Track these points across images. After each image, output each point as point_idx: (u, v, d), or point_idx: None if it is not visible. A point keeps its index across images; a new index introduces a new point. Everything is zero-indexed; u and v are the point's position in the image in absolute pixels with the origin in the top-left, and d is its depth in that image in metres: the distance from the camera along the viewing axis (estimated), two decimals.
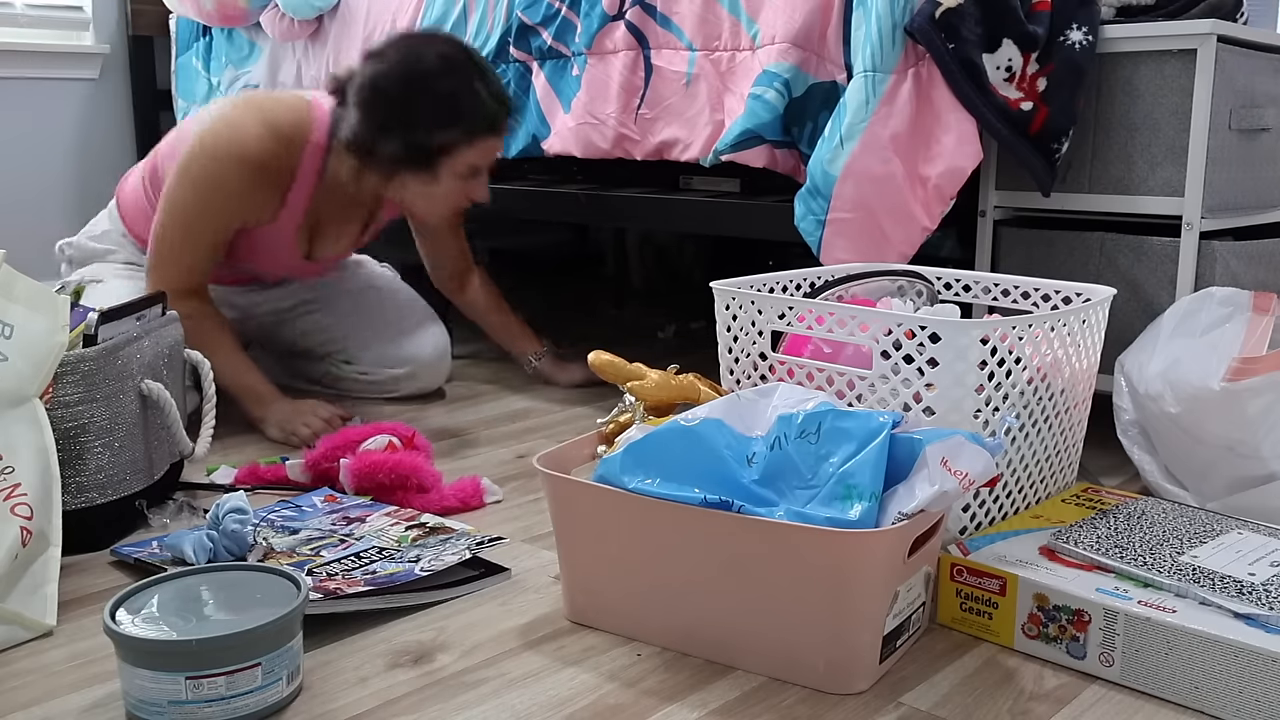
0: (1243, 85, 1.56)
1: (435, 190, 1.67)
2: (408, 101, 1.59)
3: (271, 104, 1.70)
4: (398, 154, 1.62)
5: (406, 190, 1.68)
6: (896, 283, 1.45)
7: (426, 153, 1.62)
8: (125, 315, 1.35)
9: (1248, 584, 1.01)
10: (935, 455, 0.97)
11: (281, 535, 1.29)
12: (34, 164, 2.95)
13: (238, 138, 1.64)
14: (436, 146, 1.61)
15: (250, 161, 1.64)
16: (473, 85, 1.61)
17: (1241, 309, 1.41)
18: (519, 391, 2.04)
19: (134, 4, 3.04)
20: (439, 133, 1.61)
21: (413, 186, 1.66)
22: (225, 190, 1.65)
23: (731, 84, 1.75)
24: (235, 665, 0.90)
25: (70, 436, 1.22)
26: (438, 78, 1.59)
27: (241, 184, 1.65)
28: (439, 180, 1.65)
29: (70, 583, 1.18)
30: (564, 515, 1.09)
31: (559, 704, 0.95)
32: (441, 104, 1.60)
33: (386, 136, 1.61)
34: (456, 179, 1.66)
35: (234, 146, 1.64)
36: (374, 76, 1.61)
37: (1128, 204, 1.57)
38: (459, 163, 1.64)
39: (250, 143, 1.64)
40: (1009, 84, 1.56)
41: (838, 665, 0.97)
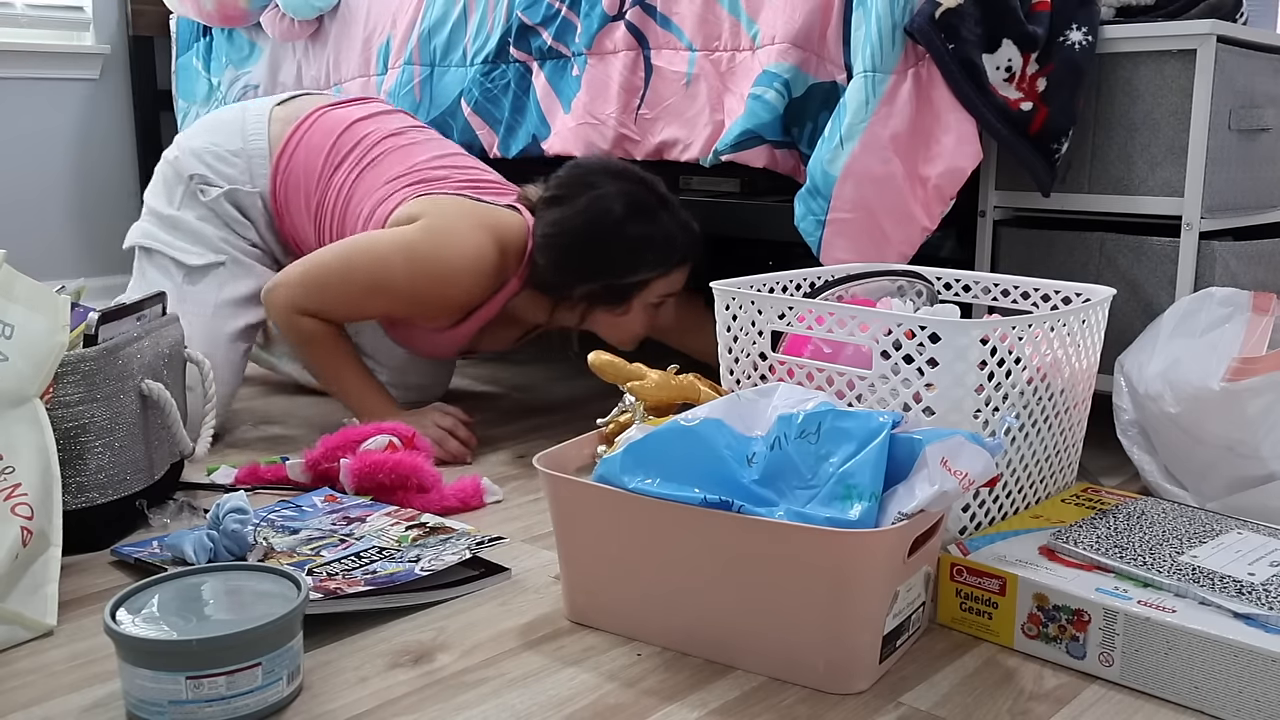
0: (1242, 85, 1.56)
1: (625, 320, 1.67)
2: (602, 248, 1.60)
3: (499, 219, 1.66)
4: (593, 293, 1.63)
5: (598, 322, 1.68)
6: (896, 283, 1.45)
7: (621, 290, 1.63)
8: (125, 315, 1.35)
9: (1247, 584, 1.01)
10: (935, 455, 0.97)
11: (282, 535, 1.29)
12: (34, 164, 2.94)
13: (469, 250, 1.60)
14: (631, 284, 1.62)
15: (474, 275, 1.61)
16: (664, 224, 1.61)
17: (1241, 309, 1.41)
18: (519, 391, 2.04)
19: (134, 4, 3.04)
20: (634, 275, 1.61)
21: (604, 319, 1.67)
22: (434, 292, 1.62)
23: (731, 84, 1.75)
24: (235, 665, 0.90)
25: (70, 436, 1.22)
26: (629, 221, 1.59)
27: (453, 292, 1.63)
28: (630, 311, 1.66)
29: (70, 583, 1.18)
30: (564, 515, 1.09)
31: (559, 704, 0.95)
32: (637, 247, 1.60)
33: (581, 279, 1.62)
34: (647, 308, 1.67)
35: (465, 258, 1.60)
36: (563, 223, 1.60)
37: (1127, 204, 1.57)
38: (651, 294, 1.65)
39: (479, 258, 1.61)
40: (1009, 84, 1.56)
41: (838, 665, 0.97)
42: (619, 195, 1.61)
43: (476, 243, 1.61)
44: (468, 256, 1.60)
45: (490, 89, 2.07)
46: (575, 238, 1.60)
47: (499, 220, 1.67)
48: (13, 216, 2.91)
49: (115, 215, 3.08)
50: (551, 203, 1.63)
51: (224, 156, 1.79)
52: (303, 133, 1.80)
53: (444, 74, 2.15)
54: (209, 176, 1.77)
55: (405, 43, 2.23)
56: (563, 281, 1.63)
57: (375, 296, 1.63)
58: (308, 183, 1.78)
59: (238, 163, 1.78)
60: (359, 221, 1.73)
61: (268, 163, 1.79)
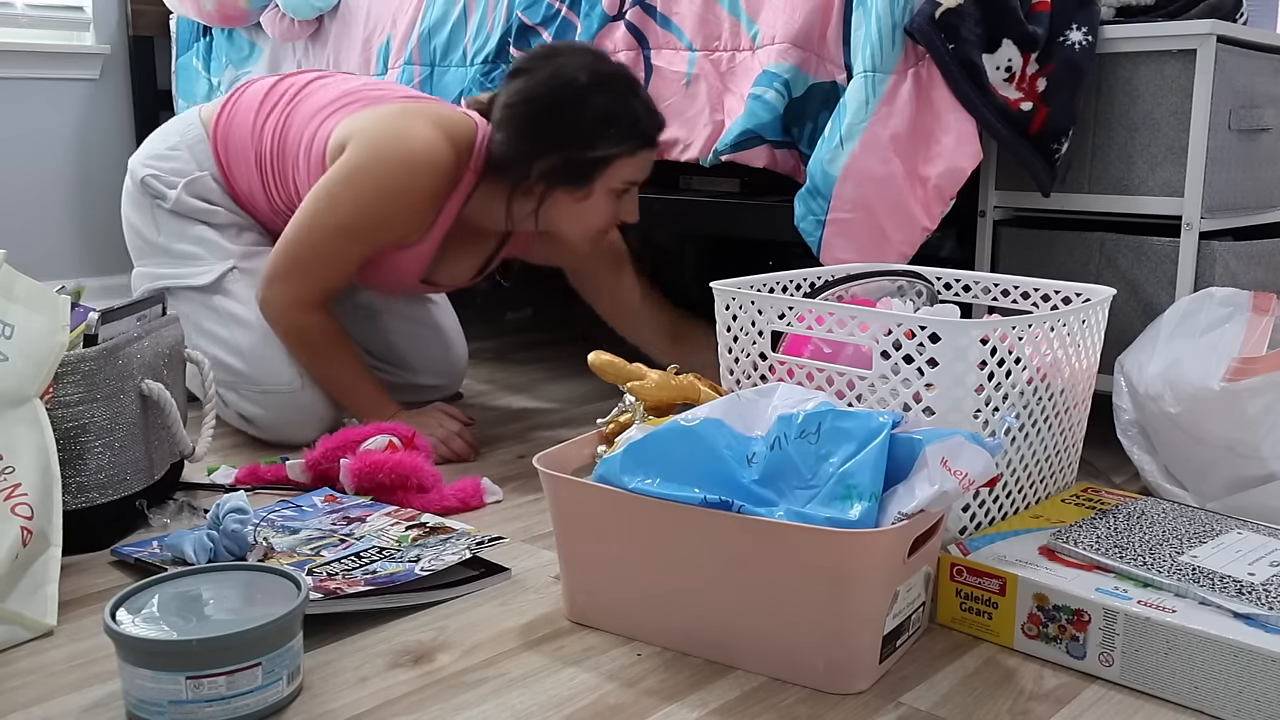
0: (1242, 85, 1.56)
1: (587, 207, 1.60)
2: (565, 114, 1.55)
3: (455, 125, 1.62)
4: (554, 168, 1.56)
5: (558, 209, 1.61)
6: (896, 283, 1.45)
7: (584, 166, 1.56)
8: (125, 315, 1.35)
9: (1247, 584, 1.01)
10: (935, 455, 0.97)
11: (282, 535, 1.29)
12: (34, 164, 2.95)
13: (415, 145, 1.56)
14: (595, 159, 1.56)
15: (430, 181, 1.58)
16: (629, 101, 1.58)
17: (1241, 309, 1.41)
18: (519, 391, 2.04)
19: (134, 4, 3.04)
20: (598, 146, 1.56)
21: (565, 205, 1.60)
22: (398, 202, 1.58)
23: (731, 84, 1.76)
24: (235, 665, 0.90)
25: (70, 436, 1.22)
26: (594, 91, 1.55)
27: (414, 198, 1.58)
28: (592, 196, 1.59)
29: (70, 583, 1.18)
30: (564, 515, 1.09)
31: (559, 704, 0.95)
32: (601, 117, 1.55)
33: (542, 151, 1.56)
34: (609, 195, 1.61)
35: (412, 153, 1.56)
36: (526, 91, 1.56)
37: (1127, 204, 1.57)
38: (615, 177, 1.58)
39: (428, 149, 1.57)
40: (1009, 84, 1.57)
41: (838, 665, 0.97)
42: (584, 67, 1.57)
43: (424, 135, 1.57)
44: (416, 149, 1.56)
45: (490, 89, 2.07)
46: (537, 105, 1.55)
47: (442, 113, 1.63)
48: (13, 216, 2.91)
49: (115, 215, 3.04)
50: (515, 75, 1.60)
51: (164, 155, 1.78)
52: (233, 102, 1.79)
53: (444, 74, 2.16)
54: (159, 175, 1.76)
55: (405, 42, 2.23)
56: (522, 154, 1.56)
57: (348, 241, 1.60)
58: (244, 142, 1.75)
59: (179, 154, 1.77)
60: (298, 153, 1.69)
61: (207, 144, 1.77)
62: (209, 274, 1.71)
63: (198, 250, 1.74)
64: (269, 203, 1.76)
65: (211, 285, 1.71)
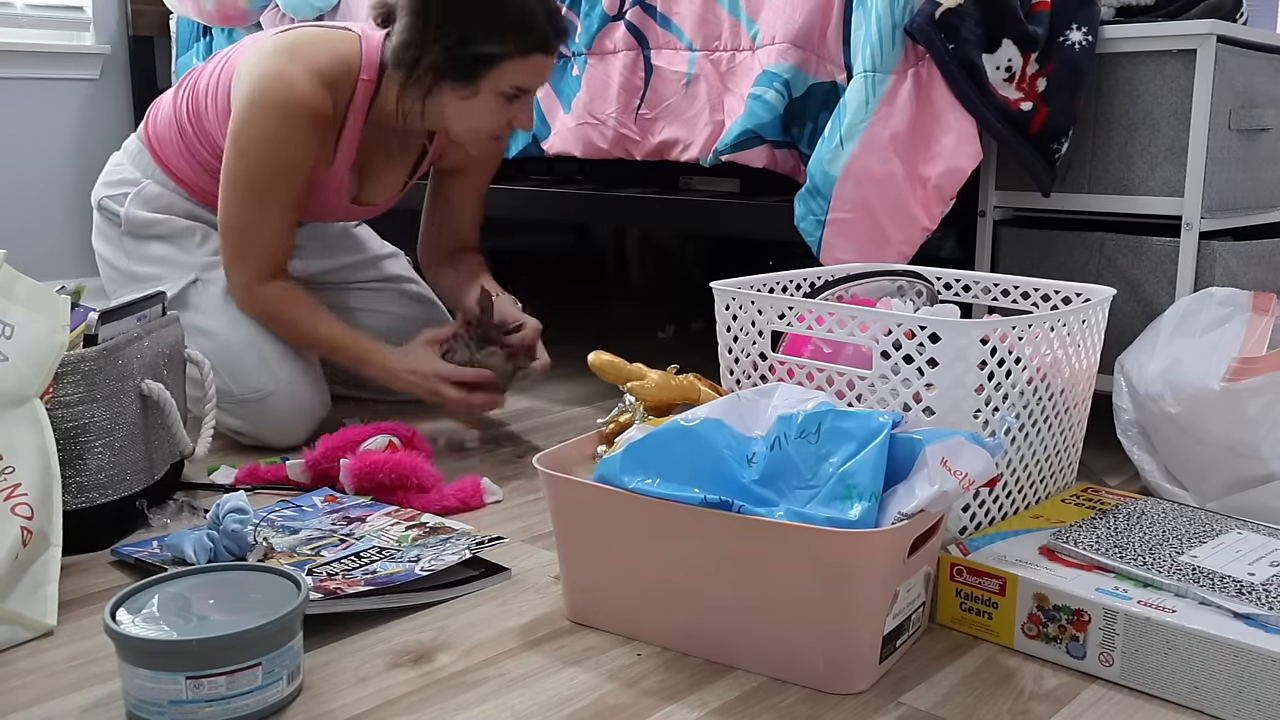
0: (1242, 85, 1.56)
1: (474, 106, 1.58)
2: (454, 6, 1.53)
3: (315, 48, 1.62)
4: (439, 61, 1.55)
5: (445, 106, 1.60)
6: (896, 283, 1.45)
7: (469, 61, 1.54)
8: (125, 315, 1.35)
9: (1247, 584, 1.01)
10: (935, 455, 0.97)
11: (282, 535, 1.29)
12: (34, 164, 2.94)
13: (286, 91, 1.57)
14: (480, 55, 1.54)
15: (302, 112, 1.58)
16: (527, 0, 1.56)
17: (1241, 309, 1.41)
18: (519, 392, 2.04)
19: (134, 4, 3.04)
20: (484, 40, 1.53)
21: (451, 101, 1.59)
22: (283, 144, 1.59)
23: (731, 84, 1.76)
24: (235, 665, 0.90)
25: (71, 436, 1.22)
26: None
27: (296, 134, 1.59)
28: (479, 94, 1.57)
29: (70, 583, 1.18)
30: (564, 515, 1.09)
31: (559, 704, 0.95)
32: (491, 9, 1.53)
33: (429, 42, 1.54)
34: (498, 97, 1.58)
35: (284, 100, 1.57)
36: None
37: (1127, 204, 1.57)
38: (503, 78, 1.56)
39: (299, 93, 1.57)
40: (1009, 84, 1.57)
41: (838, 665, 0.97)
42: None
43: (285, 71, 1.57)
44: (280, 89, 1.57)
45: None
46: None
47: (314, 39, 1.63)
48: (13, 217, 2.91)
49: None
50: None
51: (111, 171, 1.84)
52: (156, 103, 1.84)
53: None
54: (111, 194, 1.81)
55: None
56: (412, 44, 1.55)
57: (261, 200, 1.61)
58: (168, 122, 1.77)
59: (123, 167, 1.82)
60: (208, 104, 1.70)
61: (144, 148, 1.81)
62: (171, 288, 1.70)
63: (157, 270, 1.75)
64: (198, 160, 1.75)
65: (175, 299, 1.70)
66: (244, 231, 1.63)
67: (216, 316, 1.68)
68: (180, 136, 1.76)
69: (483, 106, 1.59)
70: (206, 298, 1.70)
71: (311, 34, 1.66)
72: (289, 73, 1.58)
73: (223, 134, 1.67)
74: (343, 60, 1.62)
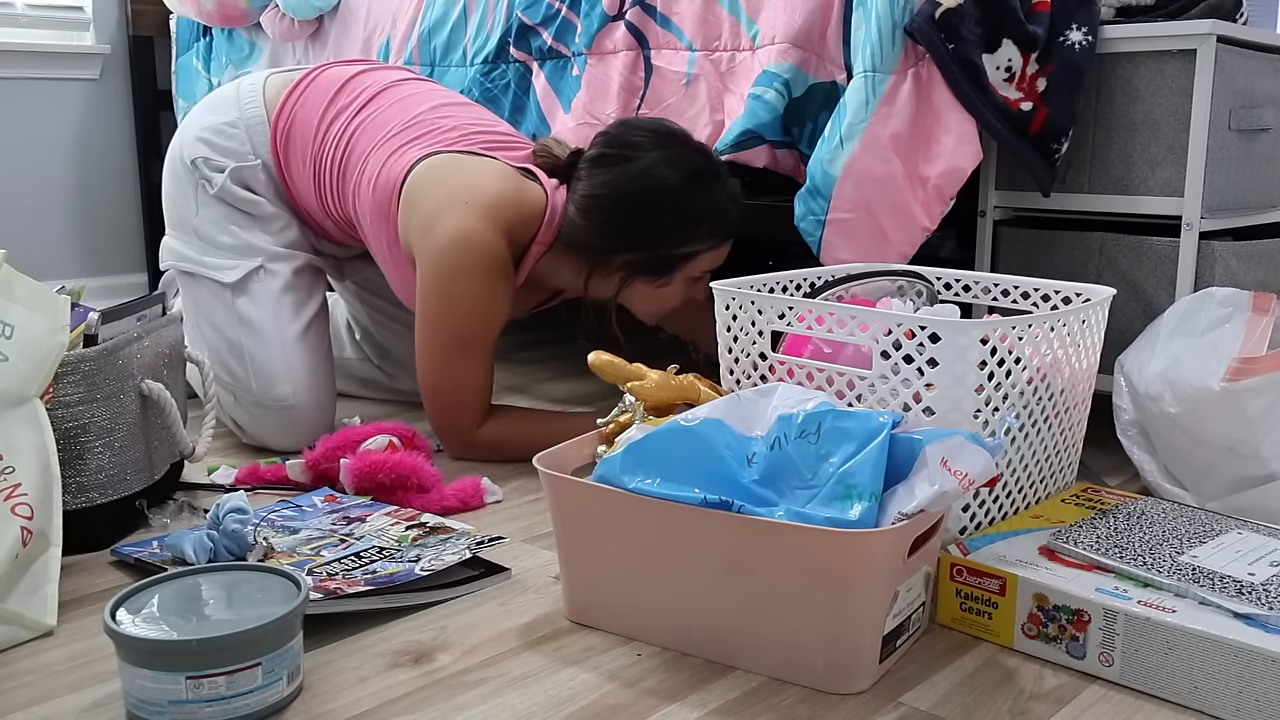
0: (1242, 85, 1.56)
1: (664, 293, 1.60)
2: (656, 215, 1.53)
3: (510, 210, 1.57)
4: (638, 262, 1.55)
5: (634, 294, 1.61)
6: (896, 283, 1.45)
7: (669, 261, 1.56)
8: (125, 315, 1.35)
9: (1247, 584, 1.01)
10: (935, 455, 0.97)
11: (282, 535, 1.29)
12: (34, 164, 2.94)
13: (484, 253, 1.53)
14: (680, 255, 1.55)
15: (499, 269, 1.55)
16: (718, 195, 1.55)
17: (1241, 309, 1.41)
18: (519, 392, 2.04)
19: (134, 4, 3.04)
20: (684, 246, 1.55)
21: (642, 291, 1.60)
22: (487, 302, 1.55)
23: (731, 84, 1.76)
24: (235, 665, 0.90)
25: (71, 436, 1.22)
26: (686, 191, 1.52)
27: (496, 290, 1.55)
28: (671, 284, 1.59)
29: (70, 583, 1.18)
30: (564, 515, 1.09)
31: (559, 704, 0.95)
32: (691, 219, 1.53)
33: (627, 246, 1.54)
34: (687, 282, 1.61)
35: (487, 263, 1.53)
36: (614, 185, 1.53)
37: (1127, 204, 1.57)
38: (696, 268, 1.58)
39: (498, 256, 1.54)
40: (1009, 84, 1.57)
41: (838, 665, 0.97)
42: (677, 161, 1.53)
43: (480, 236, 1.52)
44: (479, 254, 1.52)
45: (490, 89, 2.07)
46: (627, 204, 1.53)
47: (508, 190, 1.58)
48: (13, 216, 2.91)
49: (115, 216, 3.08)
50: (601, 162, 1.55)
51: (221, 130, 1.73)
52: (301, 90, 1.74)
53: (444, 74, 2.15)
54: (210, 157, 1.71)
55: (405, 43, 2.23)
56: (606, 246, 1.55)
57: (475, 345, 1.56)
58: (305, 138, 1.71)
59: (236, 134, 1.73)
60: (363, 180, 1.65)
61: (266, 128, 1.72)
62: (235, 271, 1.69)
63: (231, 243, 1.70)
64: (323, 208, 1.73)
65: (236, 284, 1.69)
66: (457, 391, 1.58)
67: (268, 311, 1.67)
68: (313, 174, 1.71)
69: (673, 293, 1.61)
70: (263, 288, 1.68)
71: (505, 185, 1.58)
72: (489, 236, 1.53)
73: (366, 219, 1.64)
74: (529, 224, 1.59)
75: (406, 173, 1.60)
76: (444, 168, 1.60)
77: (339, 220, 1.72)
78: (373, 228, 1.65)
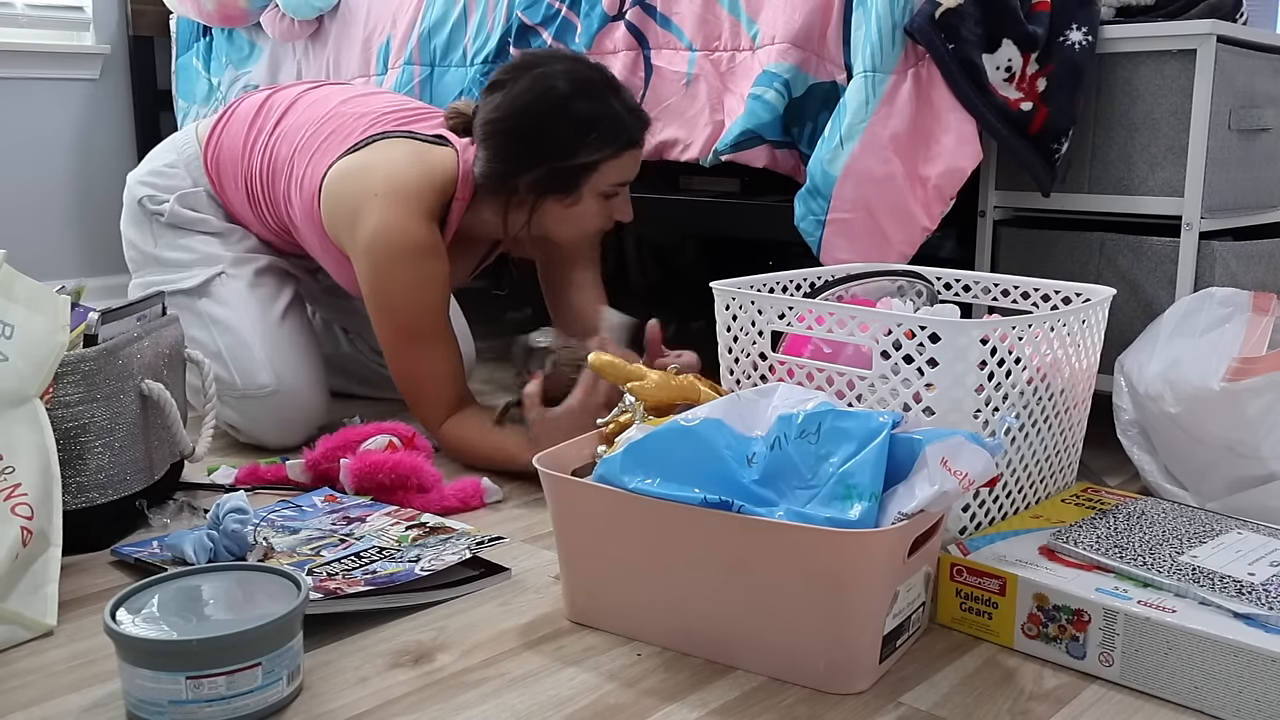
0: (1242, 85, 1.56)
1: (578, 211, 1.60)
2: (547, 126, 1.54)
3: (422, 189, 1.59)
4: (540, 180, 1.56)
5: (549, 216, 1.61)
6: (896, 283, 1.45)
7: (569, 174, 1.56)
8: (125, 315, 1.35)
9: (1247, 584, 1.01)
10: (935, 455, 0.97)
11: (282, 535, 1.29)
12: (34, 164, 2.94)
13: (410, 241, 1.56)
14: (580, 166, 1.55)
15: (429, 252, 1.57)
16: (610, 103, 1.56)
17: (1241, 309, 1.41)
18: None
19: (134, 4, 3.04)
20: (582, 153, 1.54)
21: (555, 212, 1.60)
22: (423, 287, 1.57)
23: (731, 84, 1.76)
24: (235, 665, 0.90)
25: (70, 436, 1.22)
26: (574, 99, 1.53)
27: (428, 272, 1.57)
28: (582, 200, 1.59)
29: (70, 583, 1.18)
30: (564, 515, 1.09)
31: (559, 704, 0.95)
32: (582, 124, 1.54)
33: (527, 165, 1.55)
34: (599, 198, 1.60)
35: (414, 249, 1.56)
36: (505, 106, 1.55)
37: (1127, 204, 1.57)
38: (602, 180, 1.57)
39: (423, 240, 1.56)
40: (1009, 84, 1.57)
41: (838, 665, 0.97)
42: (562, 74, 1.55)
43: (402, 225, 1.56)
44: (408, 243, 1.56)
45: None
46: (520, 119, 1.54)
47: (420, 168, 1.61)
48: (13, 217, 2.91)
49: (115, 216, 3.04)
50: (493, 89, 1.58)
51: (162, 171, 1.82)
52: (224, 120, 1.82)
53: (444, 74, 2.15)
54: (155, 194, 1.79)
55: (405, 43, 2.23)
56: (509, 170, 1.56)
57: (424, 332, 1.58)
58: (234, 162, 1.77)
59: (176, 172, 1.81)
60: (291, 186, 1.69)
61: (200, 162, 1.81)
62: (196, 277, 1.73)
63: (188, 257, 1.76)
64: (261, 222, 1.78)
65: (197, 288, 1.72)
66: (419, 379, 1.60)
67: (233, 308, 1.70)
68: (245, 186, 1.76)
69: (585, 210, 1.61)
70: (228, 290, 1.72)
71: (409, 163, 1.62)
72: (407, 224, 1.56)
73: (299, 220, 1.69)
74: (444, 188, 1.62)
75: (321, 180, 1.65)
76: (350, 171, 1.63)
77: (277, 230, 1.77)
78: (306, 229, 1.69)
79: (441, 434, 1.61)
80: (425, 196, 1.59)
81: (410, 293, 1.57)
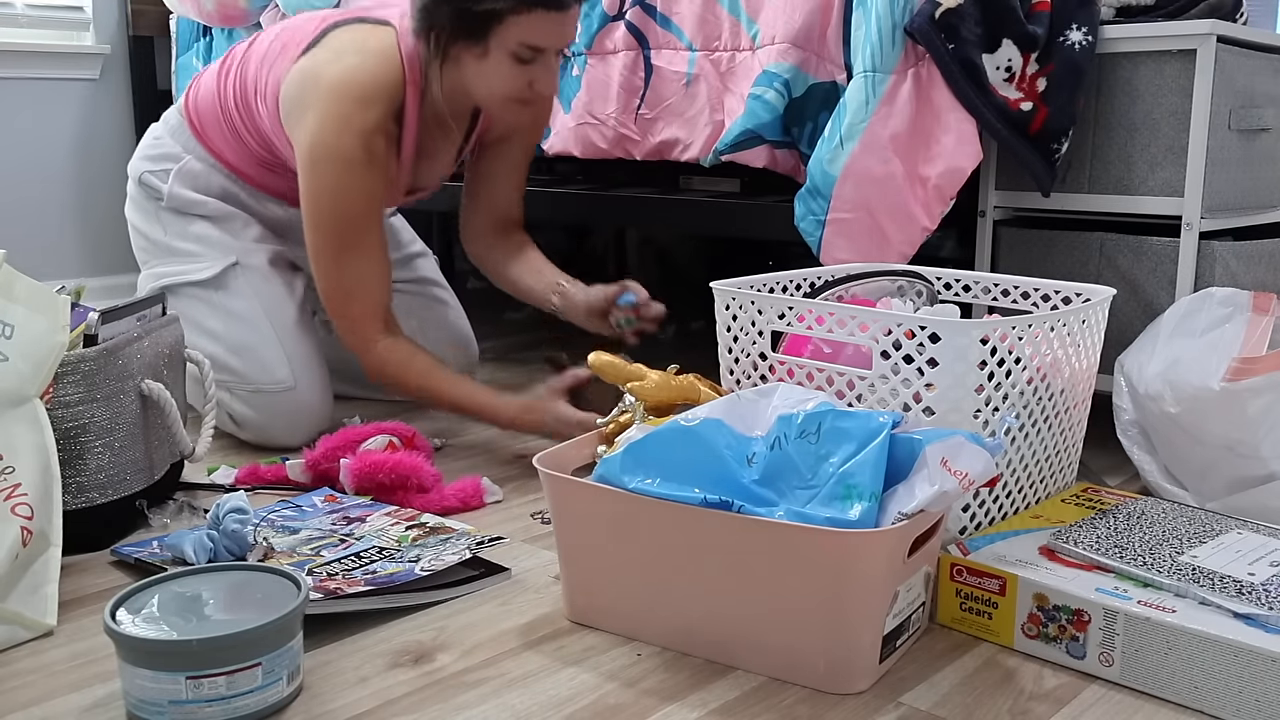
0: (1242, 85, 1.56)
1: (488, 68, 1.56)
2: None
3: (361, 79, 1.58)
4: (447, 23, 1.54)
5: (462, 69, 1.59)
6: (896, 283, 1.45)
7: (474, 19, 1.53)
8: (125, 315, 1.35)
9: (1247, 584, 1.01)
10: (935, 455, 0.97)
11: (282, 535, 1.29)
12: (34, 164, 2.95)
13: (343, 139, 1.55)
14: (483, 11, 1.52)
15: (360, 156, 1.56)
16: None
17: (1241, 309, 1.41)
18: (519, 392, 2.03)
19: (134, 4, 3.04)
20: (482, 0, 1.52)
21: (469, 64, 1.57)
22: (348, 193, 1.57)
23: (731, 84, 1.76)
24: (235, 665, 0.90)
25: (71, 436, 1.22)
26: None
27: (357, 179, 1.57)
28: (489, 53, 1.55)
29: (70, 583, 1.18)
30: (564, 515, 1.09)
31: (559, 704, 0.95)
32: None
33: (436, 10, 1.54)
34: (510, 57, 1.55)
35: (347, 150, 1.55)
36: None
37: (1127, 204, 1.57)
38: (509, 35, 1.53)
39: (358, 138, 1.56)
40: (1009, 84, 1.57)
41: (838, 665, 0.97)
42: None
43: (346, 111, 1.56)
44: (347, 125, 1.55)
45: None
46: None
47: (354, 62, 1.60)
48: (13, 217, 2.91)
49: (115, 215, 3.05)
50: None
51: (153, 144, 1.82)
52: (197, 80, 1.83)
53: None
54: (152, 169, 1.79)
55: None
56: (427, 23, 1.55)
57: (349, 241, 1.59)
58: (213, 108, 1.76)
59: (165, 141, 1.81)
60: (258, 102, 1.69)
61: (185, 125, 1.80)
62: (210, 269, 1.72)
63: (199, 248, 1.75)
64: (251, 156, 1.76)
65: (212, 280, 1.72)
66: (341, 289, 1.61)
67: (251, 301, 1.70)
68: (224, 119, 1.76)
69: (496, 67, 1.57)
70: (244, 282, 1.72)
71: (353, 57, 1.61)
72: (341, 130, 1.56)
73: (275, 133, 1.68)
74: (388, 77, 1.60)
75: (278, 95, 1.64)
76: (298, 73, 1.63)
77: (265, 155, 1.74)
78: (280, 143, 1.68)
79: (376, 354, 1.59)
80: (366, 85, 1.58)
81: (336, 199, 1.57)
